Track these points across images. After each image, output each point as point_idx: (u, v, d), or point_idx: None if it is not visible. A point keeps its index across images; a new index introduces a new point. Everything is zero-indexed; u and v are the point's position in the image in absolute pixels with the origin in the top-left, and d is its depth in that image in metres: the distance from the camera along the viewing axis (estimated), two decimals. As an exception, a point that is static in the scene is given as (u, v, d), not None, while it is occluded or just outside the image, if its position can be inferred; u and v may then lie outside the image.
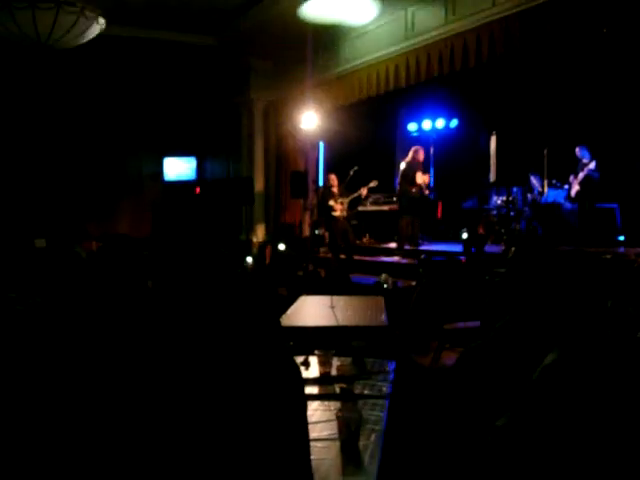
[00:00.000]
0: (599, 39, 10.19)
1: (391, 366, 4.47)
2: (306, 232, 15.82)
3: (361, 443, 3.05)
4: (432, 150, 15.42)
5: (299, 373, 2.39)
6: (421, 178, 13.55)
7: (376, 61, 13.66)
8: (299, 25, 12.92)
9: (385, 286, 9.66)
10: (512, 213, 13.30)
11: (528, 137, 13.22)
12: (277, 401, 2.26)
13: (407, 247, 13.37)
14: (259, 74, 17.11)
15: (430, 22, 12.27)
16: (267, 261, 14.78)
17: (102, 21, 10.65)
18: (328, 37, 14.44)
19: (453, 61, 11.74)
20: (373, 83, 13.77)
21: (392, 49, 13.19)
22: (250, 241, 16.71)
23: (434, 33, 12.17)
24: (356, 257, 13.72)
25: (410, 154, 13.73)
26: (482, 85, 13.92)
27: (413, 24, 12.70)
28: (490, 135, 13.01)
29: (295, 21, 12.69)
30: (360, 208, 15.64)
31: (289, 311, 6.93)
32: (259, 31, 14.28)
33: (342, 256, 13.61)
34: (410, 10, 12.69)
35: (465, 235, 11.68)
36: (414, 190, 13.45)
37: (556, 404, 2.86)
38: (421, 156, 13.72)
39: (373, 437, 3.14)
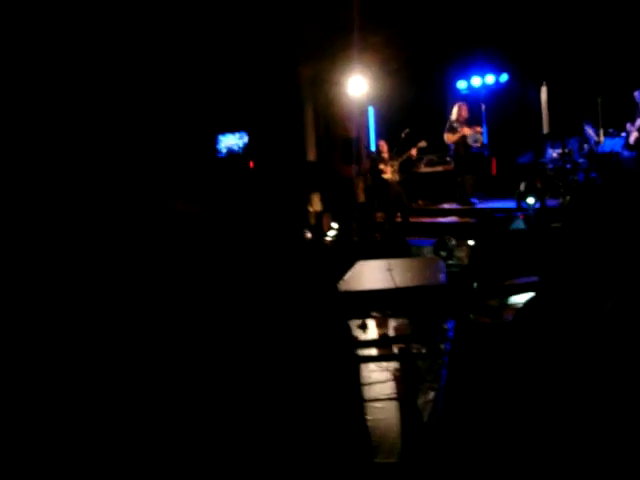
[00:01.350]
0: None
1: (449, 324, 4.43)
2: (361, 198, 15.74)
3: (420, 401, 3.03)
4: (483, 107, 15.17)
5: (350, 335, 2.37)
6: (468, 131, 13.41)
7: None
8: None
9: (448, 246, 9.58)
10: (569, 165, 13.04)
11: (580, 86, 12.93)
12: (328, 362, 2.25)
13: (461, 206, 13.27)
14: (306, 43, 16.95)
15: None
16: (325, 230, 14.75)
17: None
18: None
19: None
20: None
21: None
22: (307, 211, 16.68)
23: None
24: (412, 219, 13.62)
25: (454, 111, 13.59)
26: (529, 36, 13.61)
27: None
28: (540, 87, 12.74)
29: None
30: (414, 170, 15.50)
31: (346, 276, 6.90)
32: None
33: (398, 219, 13.52)
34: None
35: (522, 188, 11.50)
36: (457, 140, 13.34)
37: (610, 348, 2.81)
38: (464, 112, 13.54)
39: (432, 395, 3.11)
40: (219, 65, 16.47)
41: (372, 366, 3.62)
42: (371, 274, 7.07)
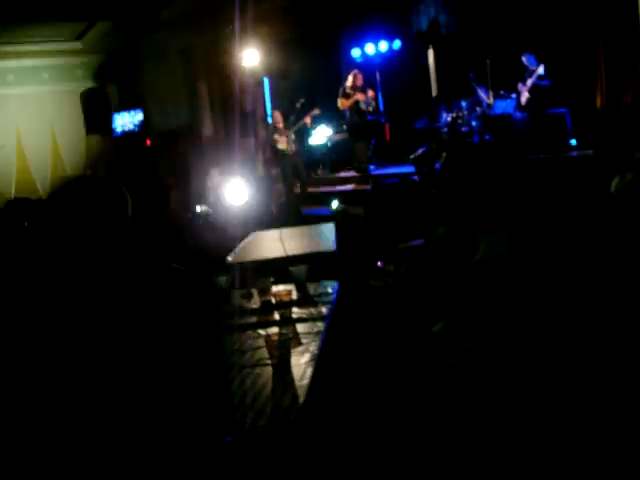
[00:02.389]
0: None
1: (333, 288, 4.40)
2: (260, 171, 15.67)
3: (293, 363, 2.99)
4: (378, 74, 15.21)
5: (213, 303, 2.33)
6: (361, 96, 13.43)
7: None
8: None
9: (334, 209, 9.61)
10: (464, 128, 13.19)
11: (467, 48, 13.08)
12: (190, 331, 2.21)
13: (358, 174, 13.34)
14: (197, 16, 16.71)
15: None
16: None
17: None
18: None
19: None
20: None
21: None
22: (206, 187, 16.52)
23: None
24: (311, 189, 13.61)
25: (349, 78, 13.61)
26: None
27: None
28: (427, 51, 12.84)
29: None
30: (311, 141, 15.47)
31: (237, 248, 6.84)
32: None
33: (296, 189, 13.50)
34: None
35: (418, 152, 11.61)
36: (351, 106, 13.38)
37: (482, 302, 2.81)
38: (359, 80, 13.56)
39: (307, 357, 3.08)
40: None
41: (250, 333, 3.56)
42: (263, 244, 7.03)
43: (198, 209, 11.93)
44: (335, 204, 9.78)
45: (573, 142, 12.11)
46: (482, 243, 3.05)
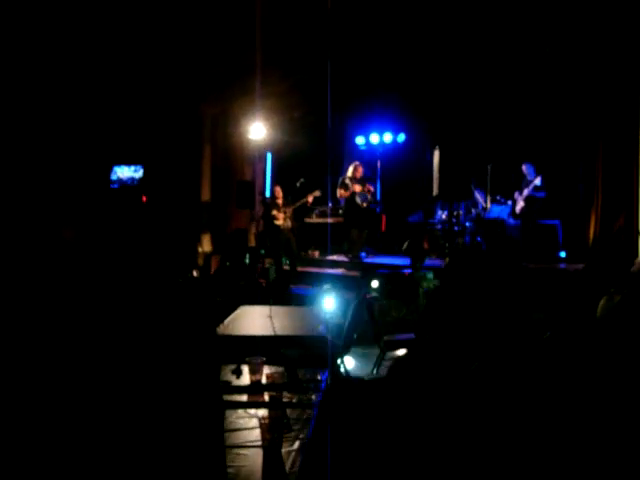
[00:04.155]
0: (542, 58, 10.36)
1: (323, 376, 4.45)
2: (252, 242, 15.76)
3: (284, 450, 3.02)
4: (379, 164, 15.47)
5: (217, 380, 2.38)
6: (358, 188, 13.59)
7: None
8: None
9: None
10: (456, 228, 13.38)
11: (472, 153, 13.37)
12: (192, 407, 2.24)
13: (349, 259, 13.44)
14: (209, 84, 17.02)
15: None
16: (212, 271, 14.68)
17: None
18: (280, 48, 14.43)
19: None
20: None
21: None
22: (196, 251, 16.58)
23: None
24: (300, 268, 13.68)
25: (350, 169, 13.79)
26: (429, 100, 14.04)
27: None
28: (433, 150, 13.12)
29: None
30: (306, 220, 15.62)
31: (227, 320, 6.86)
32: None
33: (286, 267, 13.57)
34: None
35: (405, 246, 11.77)
36: (348, 197, 13.54)
37: (477, 407, 2.88)
38: (359, 172, 13.74)
39: (297, 444, 3.11)
40: (118, 96, 16.34)
41: (241, 412, 3.60)
42: (252, 319, 7.06)
43: (194, 273, 11.99)
44: (375, 283, 9.82)
45: (562, 254, 12.30)
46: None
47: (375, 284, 9.24)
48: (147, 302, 2.39)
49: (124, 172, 17.80)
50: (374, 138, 15.96)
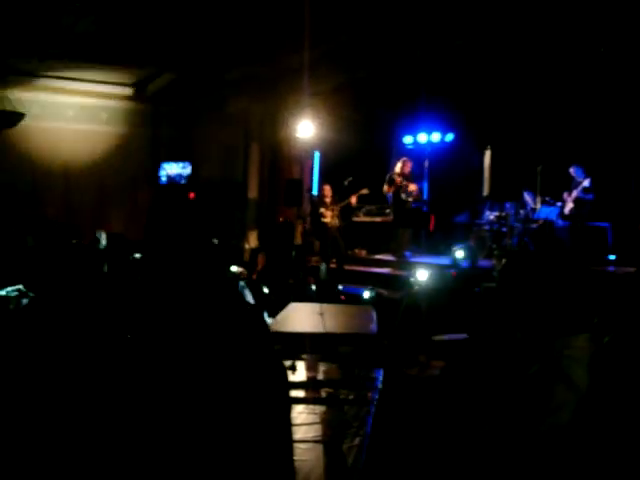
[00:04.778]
0: (596, 58, 10.26)
1: (378, 374, 4.49)
2: (298, 240, 15.82)
3: (345, 446, 3.07)
4: (427, 163, 15.43)
5: (285, 375, 2.40)
6: (405, 184, 13.58)
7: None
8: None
9: (374, 295, 9.68)
10: (504, 229, 13.32)
11: (522, 154, 13.31)
12: (262, 401, 2.27)
13: (395, 258, 13.44)
14: (256, 81, 17.11)
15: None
16: (259, 268, 14.76)
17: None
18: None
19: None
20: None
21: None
22: (242, 247, 16.69)
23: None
24: (347, 267, 13.71)
25: (398, 165, 13.78)
26: (479, 101, 13.99)
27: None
28: (484, 150, 13.08)
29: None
30: (354, 219, 15.64)
31: (278, 317, 6.93)
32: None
33: (332, 265, 13.60)
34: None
35: (458, 251, 11.72)
36: (393, 192, 13.53)
37: (533, 411, 2.89)
38: (407, 168, 13.73)
39: (357, 440, 3.16)
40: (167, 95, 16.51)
41: (300, 408, 3.65)
42: (303, 317, 7.10)
43: (234, 269, 12.04)
44: (423, 275, 9.58)
45: (612, 257, 12.18)
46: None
47: (423, 275, 9.08)
48: (199, 301, 2.42)
49: (172, 169, 17.94)
50: (422, 137, 15.92)
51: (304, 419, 3.46)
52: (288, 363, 4.58)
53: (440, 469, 3.15)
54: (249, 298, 8.94)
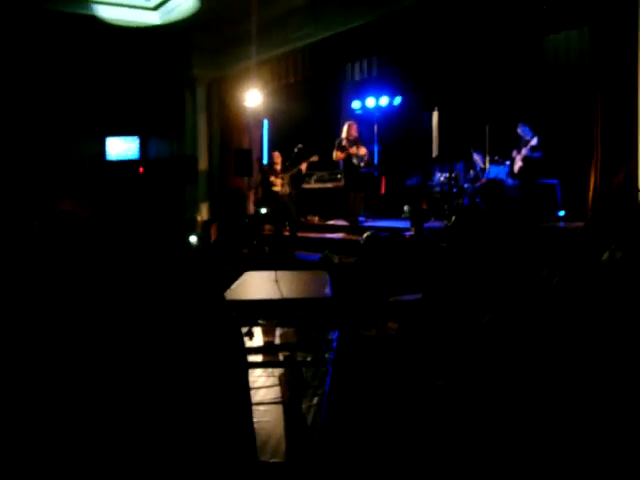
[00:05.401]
0: (540, 15, 10.31)
1: (334, 335, 4.53)
2: (250, 209, 15.81)
3: (304, 405, 3.11)
4: (376, 128, 15.47)
5: (240, 337, 2.42)
6: (354, 150, 13.60)
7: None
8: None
9: (334, 260, 9.72)
10: (455, 190, 13.42)
11: (470, 114, 13.39)
12: (218, 364, 2.29)
13: (348, 223, 13.49)
14: (202, 51, 16.99)
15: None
16: (212, 240, 14.73)
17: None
18: (275, 12, 14.36)
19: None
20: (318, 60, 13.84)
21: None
22: (195, 220, 16.63)
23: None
24: (300, 234, 13.72)
25: (344, 129, 13.80)
26: (425, 62, 14.04)
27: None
28: (432, 112, 13.13)
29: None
30: (305, 186, 15.64)
31: (233, 286, 6.93)
32: (202, 6, 14.18)
33: (285, 233, 13.62)
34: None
35: (407, 210, 11.80)
36: (344, 159, 13.56)
37: (489, 359, 2.95)
38: (354, 131, 13.76)
39: (316, 400, 3.20)
40: (111, 68, 16.30)
41: (258, 371, 3.68)
42: (258, 285, 7.13)
43: (193, 239, 12.00)
44: (327, 252, 9.87)
45: (561, 213, 12.33)
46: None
47: (374, 238, 9.14)
48: (153, 271, 2.42)
49: (119, 144, 17.75)
50: (370, 102, 15.95)
51: (263, 382, 3.48)
52: (245, 330, 4.59)
53: (395, 425, 3.20)
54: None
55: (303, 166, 13.96)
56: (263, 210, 14.28)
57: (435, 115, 12.64)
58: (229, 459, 2.26)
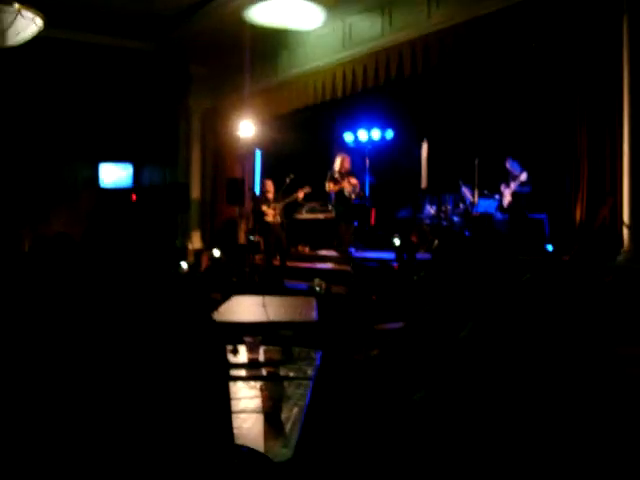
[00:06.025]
0: (529, 53, 10.50)
1: (317, 355, 4.60)
2: (242, 239, 15.88)
3: (283, 415, 3.18)
4: (367, 161, 15.62)
5: (223, 346, 2.48)
6: (347, 183, 13.74)
7: (314, 71, 13.91)
8: (239, 33, 13.13)
9: (317, 289, 9.77)
10: (444, 223, 13.51)
11: (459, 147, 13.54)
12: (199, 373, 2.34)
13: (338, 254, 13.57)
14: (198, 81, 17.20)
15: (367, 33, 12.61)
16: (203, 268, 14.78)
17: (39, 22, 10.48)
18: (267, 46, 14.59)
19: (389, 71, 12.12)
20: (310, 93, 14.04)
21: (330, 59, 13.44)
22: (186, 248, 16.70)
23: (370, 45, 12.52)
24: (290, 263, 13.80)
25: (337, 161, 13.96)
26: (416, 96, 14.23)
27: (351, 35, 13.00)
28: (421, 143, 13.28)
29: (235, 29, 12.90)
30: (297, 216, 15.73)
31: (221, 308, 7.01)
32: (198, 38, 14.40)
33: (275, 262, 13.69)
34: (348, 21, 12.98)
35: (397, 242, 11.87)
36: (337, 191, 13.69)
37: (464, 371, 3.03)
38: (346, 164, 13.92)
39: (295, 410, 3.27)
40: (107, 95, 16.42)
41: (240, 384, 3.75)
42: (245, 307, 7.21)
43: (184, 265, 12.07)
44: (317, 281, 9.91)
45: (549, 247, 12.40)
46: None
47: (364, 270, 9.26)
48: (141, 296, 2.47)
49: (113, 170, 17.79)
50: (362, 135, 16.13)
51: (245, 394, 3.56)
52: (230, 347, 4.66)
53: (372, 435, 3.27)
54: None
55: (300, 194, 14.03)
56: (254, 239, 14.35)
57: (425, 147, 12.78)
58: (208, 459, 2.31)
